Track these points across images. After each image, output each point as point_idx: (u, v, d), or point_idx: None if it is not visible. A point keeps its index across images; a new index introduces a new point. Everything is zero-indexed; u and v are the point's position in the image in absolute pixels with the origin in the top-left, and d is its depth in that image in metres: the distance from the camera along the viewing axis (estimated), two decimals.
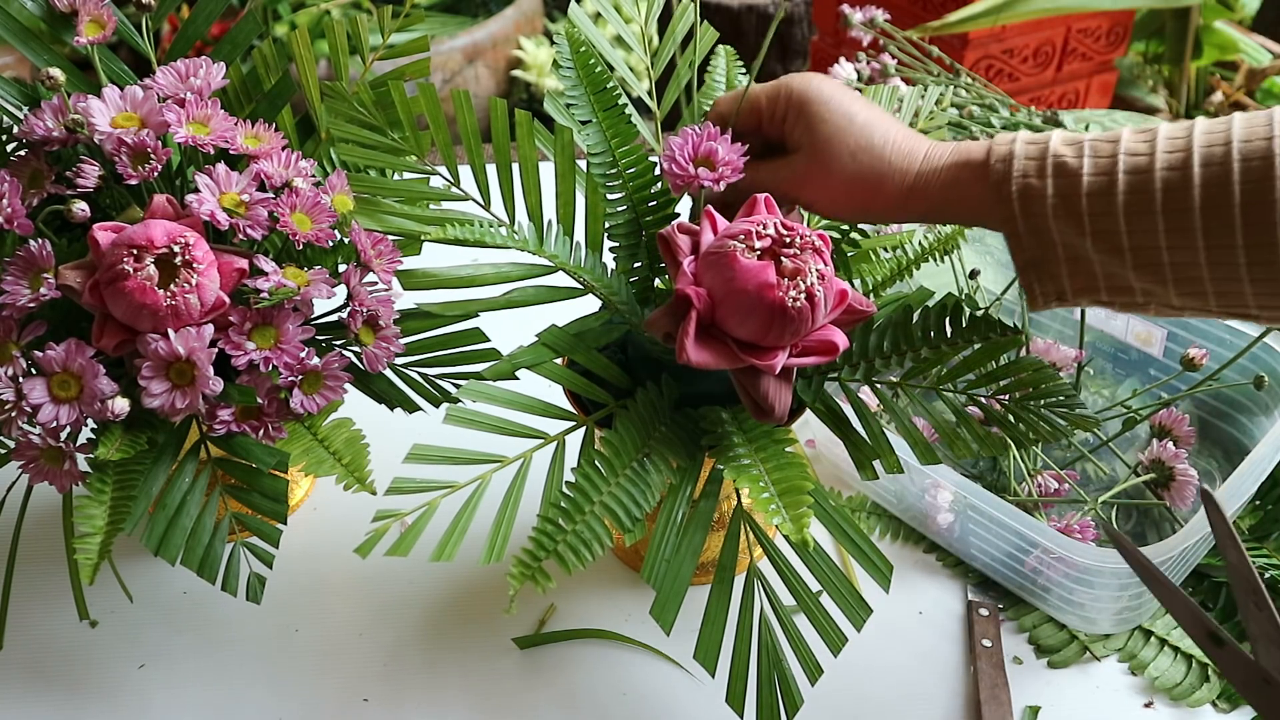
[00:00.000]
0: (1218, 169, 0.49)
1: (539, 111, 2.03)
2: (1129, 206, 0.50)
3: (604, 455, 0.56)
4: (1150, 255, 0.51)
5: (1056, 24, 1.89)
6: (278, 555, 0.63)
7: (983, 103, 1.12)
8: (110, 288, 0.55)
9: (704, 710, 0.68)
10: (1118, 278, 0.53)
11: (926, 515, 0.77)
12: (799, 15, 2.32)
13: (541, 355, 0.59)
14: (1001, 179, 0.53)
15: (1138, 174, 0.50)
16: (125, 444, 0.59)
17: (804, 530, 0.52)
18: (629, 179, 0.64)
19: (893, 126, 0.58)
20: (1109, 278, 0.53)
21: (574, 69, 0.64)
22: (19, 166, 0.61)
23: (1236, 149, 0.48)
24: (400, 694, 0.69)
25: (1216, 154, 0.49)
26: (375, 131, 0.62)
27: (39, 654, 0.70)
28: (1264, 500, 0.79)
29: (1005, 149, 0.53)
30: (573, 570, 0.52)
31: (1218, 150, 0.49)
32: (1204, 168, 0.49)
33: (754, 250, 0.53)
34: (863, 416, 0.63)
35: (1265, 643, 0.49)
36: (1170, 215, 0.50)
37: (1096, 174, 0.51)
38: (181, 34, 0.70)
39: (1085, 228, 0.52)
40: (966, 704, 0.69)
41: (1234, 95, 2.03)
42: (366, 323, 0.61)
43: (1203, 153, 0.49)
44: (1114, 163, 0.51)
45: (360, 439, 0.65)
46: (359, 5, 2.21)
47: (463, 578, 0.76)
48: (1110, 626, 0.72)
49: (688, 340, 0.53)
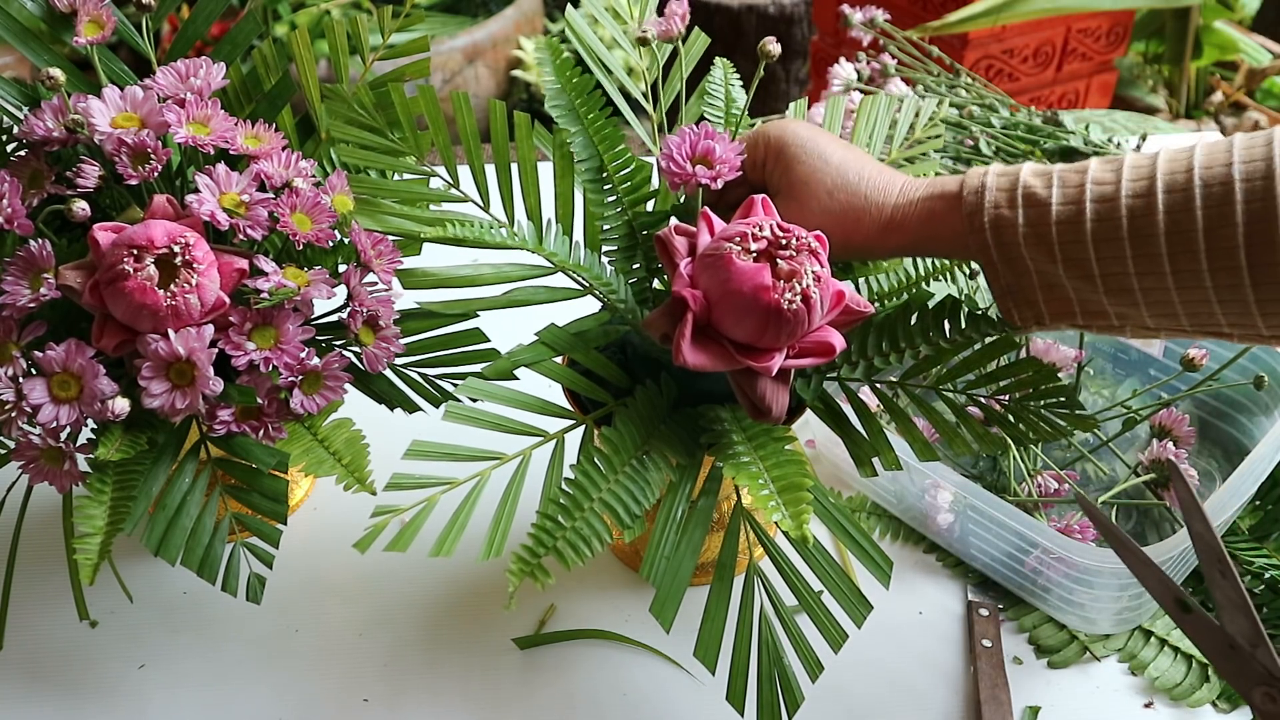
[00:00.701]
0: (1180, 195, 0.50)
1: (539, 112, 2.03)
2: (1096, 234, 0.52)
3: (603, 452, 0.56)
4: (1120, 281, 0.52)
5: (1056, 24, 1.89)
6: (278, 555, 0.63)
7: (983, 103, 1.12)
8: (110, 288, 0.55)
9: (704, 710, 0.68)
10: (1092, 302, 0.54)
11: (926, 515, 0.77)
12: (799, 15, 2.32)
13: (541, 354, 0.59)
14: (974, 210, 0.55)
15: (1104, 202, 0.52)
16: (125, 444, 0.59)
17: (804, 527, 0.52)
18: (619, 182, 0.64)
19: (868, 164, 0.59)
20: (1084, 302, 0.55)
21: (554, 76, 0.64)
22: (19, 166, 0.61)
23: (1198, 175, 0.50)
24: (400, 694, 0.69)
25: (1179, 180, 0.50)
26: (375, 133, 0.62)
27: (39, 654, 0.70)
28: (1264, 500, 0.79)
29: (977, 181, 0.55)
30: (572, 566, 0.52)
31: (1180, 177, 0.50)
32: (1167, 194, 0.50)
33: (750, 252, 0.53)
34: (862, 415, 0.63)
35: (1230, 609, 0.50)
36: (1136, 241, 0.51)
37: (1065, 203, 0.53)
38: (181, 34, 0.70)
39: (1056, 255, 0.53)
40: (966, 704, 0.69)
41: (1234, 95, 2.03)
42: (366, 323, 0.61)
43: (1165, 180, 0.51)
44: (1081, 192, 0.53)
45: (360, 439, 0.65)
46: (359, 5, 2.21)
47: (463, 578, 0.76)
48: (1110, 627, 0.72)
49: (684, 342, 0.53)
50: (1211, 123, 1.98)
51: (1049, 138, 1.07)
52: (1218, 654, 0.51)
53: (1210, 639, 0.51)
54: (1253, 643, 0.50)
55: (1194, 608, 0.51)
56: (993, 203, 0.54)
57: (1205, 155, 0.50)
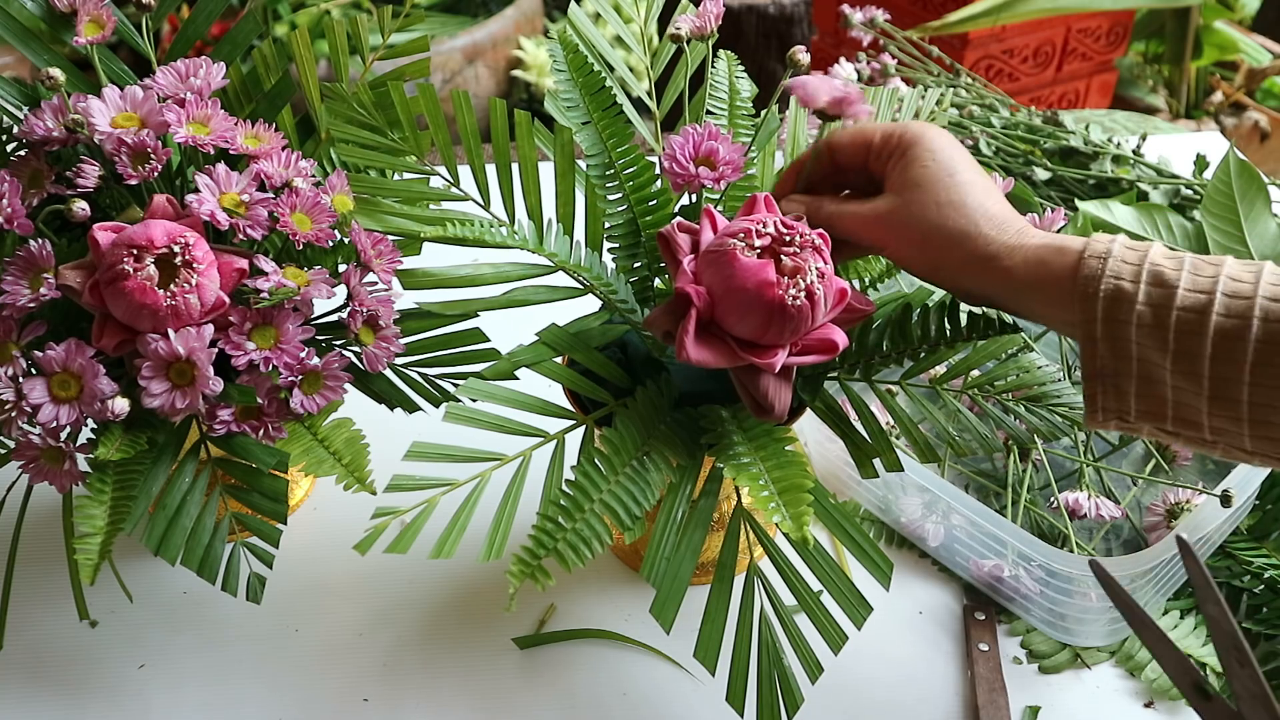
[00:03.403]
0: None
1: (539, 111, 2.03)
2: (1220, 330, 0.48)
3: (604, 453, 0.56)
4: (1230, 389, 0.48)
5: (1056, 24, 1.89)
6: (278, 555, 0.63)
7: (983, 103, 1.12)
8: (110, 288, 0.55)
9: (704, 710, 0.68)
10: (1189, 408, 0.50)
11: (913, 524, 0.76)
12: (799, 15, 2.32)
13: (541, 354, 0.59)
14: (1092, 275, 0.50)
15: (1237, 299, 0.48)
16: (125, 444, 0.59)
17: (804, 528, 0.52)
18: (626, 179, 0.64)
19: (992, 196, 0.55)
20: (1179, 406, 0.50)
21: (567, 71, 0.64)
22: (19, 166, 0.61)
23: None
24: (400, 694, 0.69)
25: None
26: (375, 132, 0.62)
27: (39, 654, 0.70)
28: (1264, 500, 0.79)
29: (1103, 247, 0.51)
30: (572, 568, 0.52)
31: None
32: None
33: (754, 248, 0.53)
34: (863, 415, 0.63)
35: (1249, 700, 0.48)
36: (1264, 349, 0.47)
37: (1194, 290, 0.49)
38: (181, 34, 0.70)
39: (1169, 344, 0.49)
40: (965, 706, 0.69)
41: (1234, 95, 2.03)
42: (366, 323, 0.61)
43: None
44: (1214, 283, 0.48)
45: (360, 439, 0.65)
46: (359, 5, 2.21)
47: (463, 578, 0.76)
48: (1101, 639, 0.72)
49: (687, 338, 0.53)
50: (1211, 123, 1.98)
51: (1049, 138, 1.07)
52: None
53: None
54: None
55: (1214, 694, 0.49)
56: (1114, 272, 0.50)
57: None
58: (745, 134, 0.67)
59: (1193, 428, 0.50)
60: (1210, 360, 0.48)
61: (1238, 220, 0.89)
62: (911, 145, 0.56)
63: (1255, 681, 0.48)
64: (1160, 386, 0.50)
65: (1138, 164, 1.04)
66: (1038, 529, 0.75)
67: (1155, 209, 0.94)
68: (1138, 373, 0.50)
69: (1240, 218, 0.89)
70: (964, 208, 0.54)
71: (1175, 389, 0.49)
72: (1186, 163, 1.09)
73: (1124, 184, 1.03)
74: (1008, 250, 0.53)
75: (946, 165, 0.55)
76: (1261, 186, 0.89)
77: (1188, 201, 1.01)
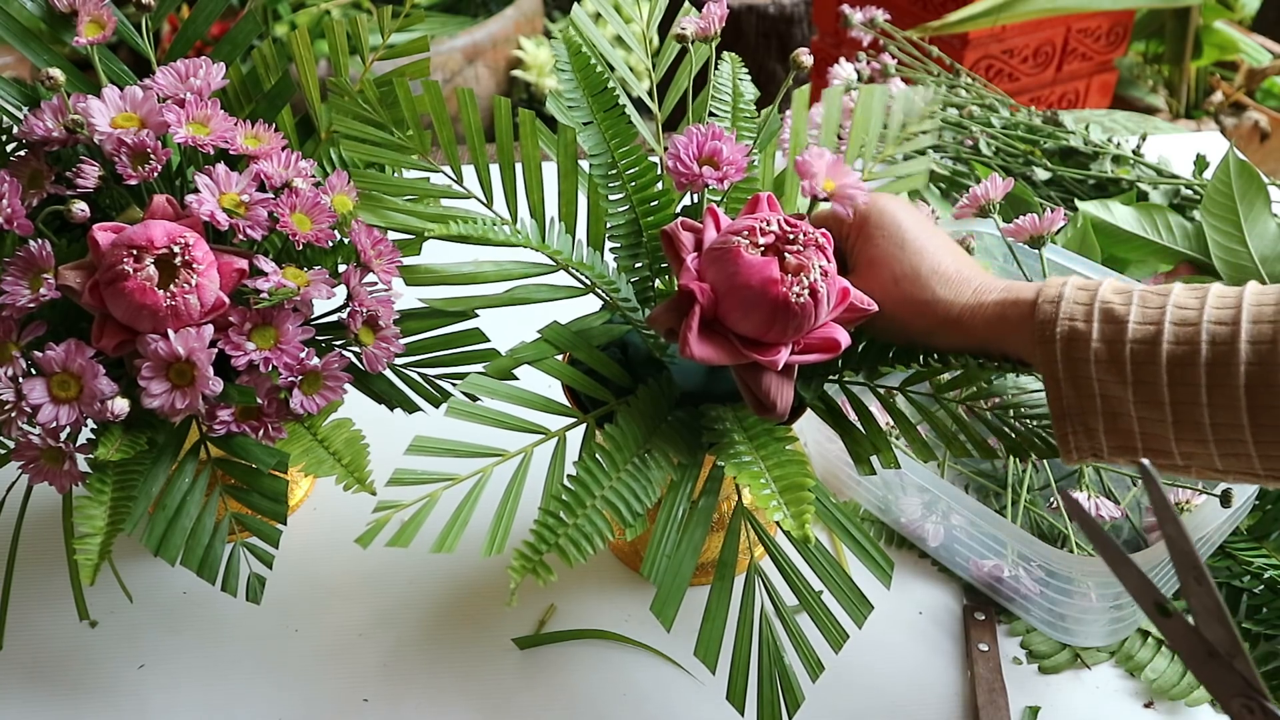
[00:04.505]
0: (1268, 328, 0.48)
1: (539, 112, 2.03)
2: (1173, 357, 0.50)
3: (605, 450, 0.56)
4: (1191, 412, 0.50)
5: (1056, 24, 1.89)
6: (278, 555, 0.63)
7: (983, 103, 1.12)
8: (110, 288, 0.55)
9: (704, 711, 0.68)
10: (1156, 437, 0.51)
11: (912, 524, 0.76)
12: (799, 15, 2.32)
13: (543, 351, 0.59)
14: (1047, 320, 0.52)
15: (1185, 325, 0.50)
16: (125, 444, 0.59)
17: (805, 527, 0.52)
18: (629, 180, 0.64)
19: (945, 258, 0.57)
20: (1147, 436, 0.52)
21: (571, 71, 0.64)
22: (19, 166, 0.61)
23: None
24: (400, 694, 0.69)
25: (1267, 313, 0.48)
26: (379, 129, 0.62)
27: (39, 654, 0.70)
28: (1264, 500, 0.79)
29: (1055, 291, 0.53)
30: (574, 563, 0.53)
31: (1268, 310, 0.48)
32: (1253, 324, 0.48)
33: (758, 246, 0.53)
34: (862, 416, 0.63)
35: (1206, 617, 0.50)
36: (1215, 370, 0.49)
37: (1143, 322, 0.51)
38: (181, 34, 0.70)
39: (1127, 377, 0.51)
40: (965, 705, 0.69)
41: (1234, 95, 2.04)
42: (366, 323, 0.61)
43: (1252, 310, 0.49)
44: (1161, 313, 0.50)
45: (360, 439, 0.65)
46: (359, 5, 2.21)
47: (463, 578, 0.76)
48: (1100, 640, 0.71)
49: (691, 335, 0.53)
50: (1211, 123, 1.98)
51: (1049, 138, 1.07)
52: (1197, 660, 0.51)
53: (1189, 645, 0.50)
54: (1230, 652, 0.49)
55: (1173, 611, 0.51)
56: (1067, 314, 0.52)
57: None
58: (748, 135, 0.67)
59: (1164, 455, 0.52)
60: (1168, 387, 0.50)
61: (1238, 220, 0.89)
62: (863, 224, 0.59)
63: (1211, 598, 0.49)
64: (1125, 420, 0.52)
65: (1138, 164, 1.04)
66: (1037, 529, 0.75)
67: (1155, 209, 0.94)
68: (1103, 409, 0.52)
69: (1240, 218, 0.89)
70: (918, 279, 0.57)
71: (1141, 420, 0.51)
72: (1186, 163, 1.09)
73: (1124, 184, 1.03)
74: (969, 312, 0.56)
75: (895, 238, 0.58)
76: (1261, 186, 0.89)
77: (1188, 201, 1.01)
